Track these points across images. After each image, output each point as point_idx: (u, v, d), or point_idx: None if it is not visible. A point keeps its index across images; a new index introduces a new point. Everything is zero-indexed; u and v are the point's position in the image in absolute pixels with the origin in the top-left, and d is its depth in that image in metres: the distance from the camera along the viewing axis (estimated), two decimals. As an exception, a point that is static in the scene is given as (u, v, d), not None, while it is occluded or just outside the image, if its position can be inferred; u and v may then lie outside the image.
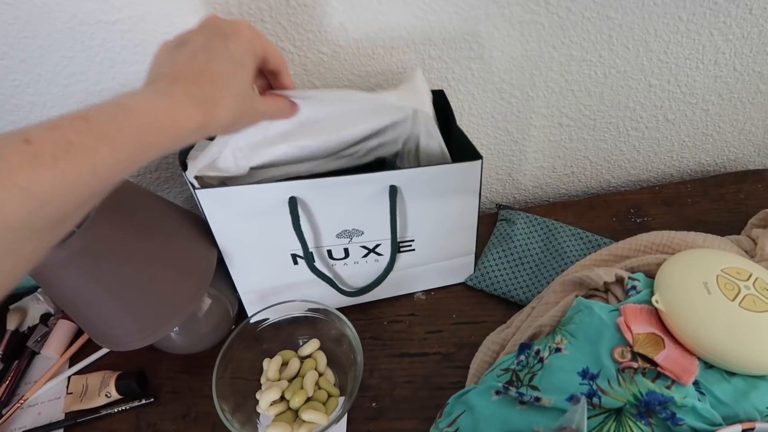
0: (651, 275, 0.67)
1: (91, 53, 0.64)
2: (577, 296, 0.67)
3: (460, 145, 0.67)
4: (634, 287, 0.66)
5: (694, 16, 0.68)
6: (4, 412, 0.75)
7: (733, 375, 0.59)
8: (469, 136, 0.78)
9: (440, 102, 0.69)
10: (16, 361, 0.80)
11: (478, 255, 0.80)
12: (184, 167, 0.65)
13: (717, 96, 0.79)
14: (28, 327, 0.84)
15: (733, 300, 0.59)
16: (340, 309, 0.74)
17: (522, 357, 0.65)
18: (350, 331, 0.69)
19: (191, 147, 0.68)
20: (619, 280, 0.68)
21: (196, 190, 0.62)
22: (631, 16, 0.67)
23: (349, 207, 0.65)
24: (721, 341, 0.58)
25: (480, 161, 0.63)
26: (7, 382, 0.78)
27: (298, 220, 0.64)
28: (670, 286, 0.63)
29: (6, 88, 0.65)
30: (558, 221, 0.82)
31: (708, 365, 0.59)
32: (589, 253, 0.77)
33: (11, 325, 0.83)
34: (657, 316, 0.62)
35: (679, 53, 0.72)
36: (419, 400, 0.70)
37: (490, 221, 0.86)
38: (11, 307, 0.85)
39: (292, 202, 0.63)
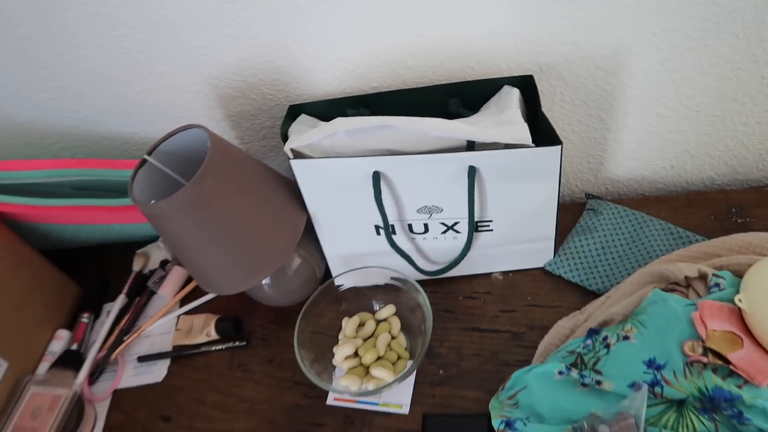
0: (739, 275, 0.64)
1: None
2: (654, 288, 0.66)
3: (543, 130, 0.68)
4: (717, 284, 0.63)
5: (816, 3, 0.63)
6: (125, 338, 0.88)
7: (819, 385, 0.55)
8: (559, 123, 0.79)
9: (528, 87, 0.70)
10: (137, 298, 0.93)
11: (560, 242, 0.80)
12: (285, 139, 0.72)
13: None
14: (150, 270, 0.96)
15: (827, 307, 0.56)
16: (418, 281, 0.78)
17: (589, 341, 0.65)
18: (424, 300, 0.73)
19: (293, 120, 0.75)
20: (702, 277, 0.65)
21: (291, 161, 0.69)
22: (741, 2, 0.64)
23: (430, 184, 0.69)
24: (808, 348, 0.55)
25: (559, 147, 0.63)
26: (129, 315, 0.90)
27: (380, 194, 0.69)
28: (758, 285, 0.60)
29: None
30: (649, 215, 0.80)
31: (791, 372, 0.56)
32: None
33: (136, 266, 0.96)
34: (739, 316, 0.60)
35: (798, 43, 0.67)
36: (484, 372, 0.73)
37: (577, 210, 0.85)
38: (137, 251, 0.98)
39: (376, 177, 0.68)
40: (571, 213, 0.85)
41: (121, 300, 0.92)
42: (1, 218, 0.84)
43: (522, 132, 0.63)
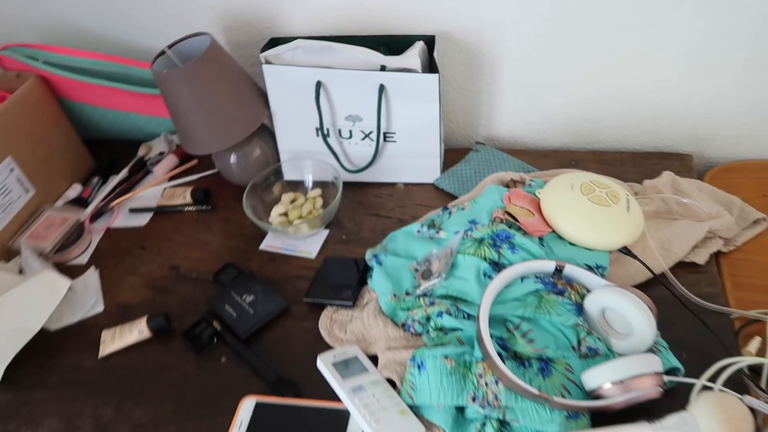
0: (548, 184, 0.94)
1: None
2: (490, 184, 0.96)
3: (434, 70, 0.99)
4: (530, 185, 0.94)
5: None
6: (122, 196, 1.17)
7: (574, 246, 0.85)
8: (460, 83, 1.10)
9: (430, 44, 1.02)
10: (137, 174, 1.23)
11: (448, 166, 1.11)
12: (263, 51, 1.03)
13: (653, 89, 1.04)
14: (150, 157, 1.26)
15: (585, 195, 0.86)
16: (345, 182, 1.08)
17: (440, 212, 0.95)
18: (339, 183, 1.02)
19: (273, 45, 1.06)
20: (523, 180, 0.95)
21: (263, 66, 1.00)
22: (579, 2, 0.96)
23: (354, 96, 1.00)
24: (568, 219, 0.85)
25: (437, 75, 0.94)
26: (128, 182, 1.20)
27: (319, 98, 1.00)
28: (550, 184, 0.90)
29: None
30: (513, 156, 1.10)
31: (561, 238, 0.86)
32: (525, 178, 1.05)
33: (141, 152, 1.26)
34: (537, 203, 0.90)
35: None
36: (374, 240, 1.01)
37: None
38: (143, 143, 1.28)
39: (318, 84, 0.99)
40: (463, 154, 1.16)
41: (124, 173, 1.22)
42: (50, 89, 1.15)
43: (414, 62, 0.94)
